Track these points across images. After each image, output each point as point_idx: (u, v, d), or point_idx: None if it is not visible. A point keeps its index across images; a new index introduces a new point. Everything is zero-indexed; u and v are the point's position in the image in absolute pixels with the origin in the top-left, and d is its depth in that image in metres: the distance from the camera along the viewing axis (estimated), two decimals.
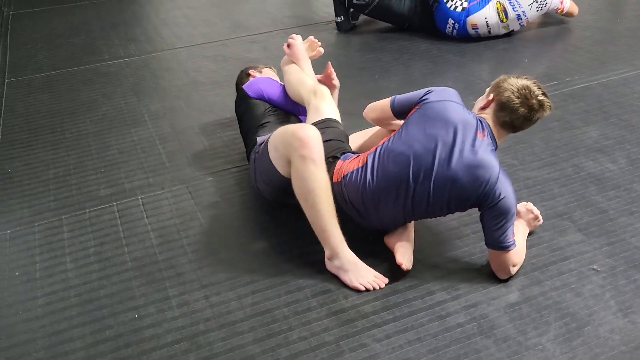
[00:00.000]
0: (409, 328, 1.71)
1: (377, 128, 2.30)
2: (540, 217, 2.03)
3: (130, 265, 2.00)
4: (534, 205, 2.08)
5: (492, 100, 1.88)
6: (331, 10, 4.18)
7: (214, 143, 2.75)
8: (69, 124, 3.00)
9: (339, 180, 1.91)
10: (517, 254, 1.84)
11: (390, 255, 1.93)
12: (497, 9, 3.68)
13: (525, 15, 3.76)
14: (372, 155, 1.90)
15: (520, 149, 2.57)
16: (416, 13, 3.88)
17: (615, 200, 2.23)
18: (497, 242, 1.80)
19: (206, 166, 2.57)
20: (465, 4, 3.72)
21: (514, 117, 1.84)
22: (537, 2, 3.78)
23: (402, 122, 1.99)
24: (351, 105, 2.66)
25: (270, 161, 1.97)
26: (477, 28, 3.72)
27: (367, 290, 1.83)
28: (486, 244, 1.85)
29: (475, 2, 3.73)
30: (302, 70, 2.49)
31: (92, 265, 2.01)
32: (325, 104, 2.26)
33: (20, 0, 5.20)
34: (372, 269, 1.88)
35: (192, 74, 3.54)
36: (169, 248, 2.08)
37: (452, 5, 3.73)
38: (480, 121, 1.86)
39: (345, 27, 4.06)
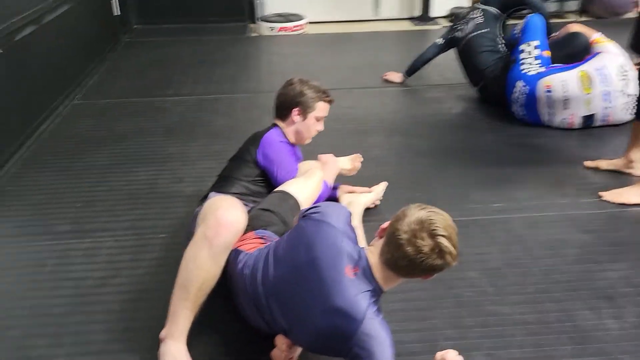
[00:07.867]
0: None
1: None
2: None
3: None
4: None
5: (385, 228, 1.51)
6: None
7: None
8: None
9: (234, 248, 1.74)
10: None
11: None
12: (581, 76, 3.23)
13: (611, 101, 3.23)
14: (257, 251, 1.71)
15: None
16: (493, 72, 3.61)
17: None
18: None
19: None
20: (542, 69, 3.35)
21: (397, 255, 1.43)
22: (626, 95, 3.23)
23: None
24: None
25: (195, 224, 1.87)
26: (550, 91, 3.27)
27: None
28: None
29: (555, 68, 3.34)
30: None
31: None
32: (302, 180, 2.12)
33: (140, 32, 5.56)
34: None
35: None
36: None
37: (525, 68, 3.38)
38: (359, 255, 1.52)
39: None
